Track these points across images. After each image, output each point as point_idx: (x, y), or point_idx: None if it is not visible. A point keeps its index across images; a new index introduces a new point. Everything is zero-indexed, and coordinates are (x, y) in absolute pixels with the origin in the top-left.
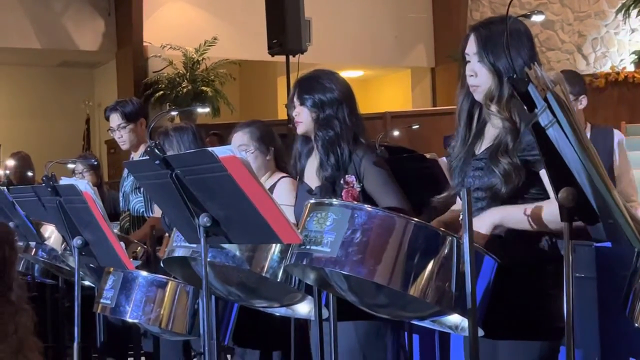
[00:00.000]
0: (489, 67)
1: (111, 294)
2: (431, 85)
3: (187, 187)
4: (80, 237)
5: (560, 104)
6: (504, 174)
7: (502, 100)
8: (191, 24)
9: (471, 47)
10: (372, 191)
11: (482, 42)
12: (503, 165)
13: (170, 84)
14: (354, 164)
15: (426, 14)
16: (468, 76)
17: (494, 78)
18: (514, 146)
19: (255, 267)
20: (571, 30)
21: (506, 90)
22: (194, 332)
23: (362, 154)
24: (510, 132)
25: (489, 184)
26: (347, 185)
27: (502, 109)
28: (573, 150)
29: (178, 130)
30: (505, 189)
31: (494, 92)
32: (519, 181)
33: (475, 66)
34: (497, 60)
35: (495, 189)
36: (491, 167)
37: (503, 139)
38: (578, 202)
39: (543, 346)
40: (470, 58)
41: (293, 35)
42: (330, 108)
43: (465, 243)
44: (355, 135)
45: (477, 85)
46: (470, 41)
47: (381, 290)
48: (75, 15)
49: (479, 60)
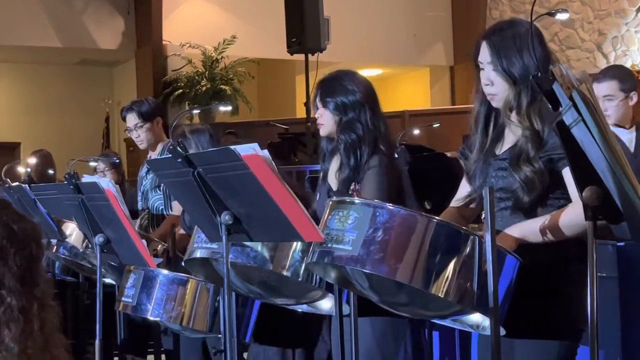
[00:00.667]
0: (504, 75)
1: (132, 292)
2: (450, 84)
3: (209, 185)
4: (102, 235)
5: (586, 102)
6: (526, 181)
7: (522, 109)
8: (210, 23)
9: (484, 56)
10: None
11: (496, 49)
12: (525, 172)
13: (189, 82)
14: (364, 171)
15: (445, 12)
16: (484, 85)
17: (510, 86)
18: (535, 154)
19: (276, 267)
20: (591, 29)
21: (524, 98)
22: (215, 329)
23: (372, 164)
24: (531, 140)
25: (512, 186)
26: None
27: (523, 117)
28: (598, 149)
29: (195, 132)
30: (528, 197)
31: (512, 102)
32: (541, 187)
33: (490, 75)
34: (511, 67)
35: (518, 197)
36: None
37: (524, 146)
38: (602, 201)
39: (561, 346)
40: (484, 66)
41: (312, 33)
42: (353, 111)
43: (487, 242)
44: (375, 139)
45: (494, 94)
46: (483, 49)
47: (402, 288)
48: (95, 13)
49: (493, 69)
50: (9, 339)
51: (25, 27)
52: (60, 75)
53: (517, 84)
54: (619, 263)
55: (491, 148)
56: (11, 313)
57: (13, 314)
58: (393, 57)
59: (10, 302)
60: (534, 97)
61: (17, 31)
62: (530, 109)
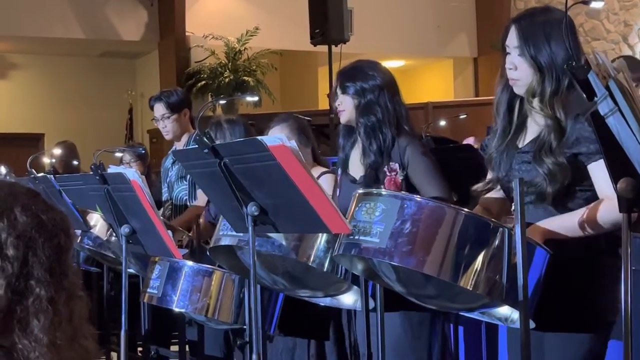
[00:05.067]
0: (530, 61)
1: (157, 284)
2: (473, 75)
3: (235, 176)
4: (128, 226)
5: (624, 91)
6: (548, 173)
7: (545, 97)
8: (233, 14)
9: (512, 40)
10: (415, 180)
11: (524, 35)
12: (547, 165)
13: (212, 73)
14: (398, 151)
15: (469, 3)
16: (508, 69)
17: (535, 73)
18: (558, 145)
19: (301, 257)
20: (617, 20)
21: (548, 86)
22: (240, 321)
23: (407, 142)
24: (554, 130)
25: (535, 179)
26: (391, 173)
27: (545, 105)
28: (635, 139)
29: (230, 122)
30: (551, 189)
31: (535, 88)
32: (564, 180)
33: (515, 59)
34: (538, 54)
35: (541, 189)
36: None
37: (546, 138)
38: (638, 192)
39: (592, 339)
40: (510, 50)
41: (335, 25)
42: (372, 94)
43: (517, 234)
44: (398, 121)
45: (517, 79)
46: (511, 33)
47: (430, 281)
48: (118, 5)
49: (519, 54)
50: (38, 329)
51: (49, 19)
52: (83, 66)
53: (542, 71)
54: None
55: (513, 139)
56: (40, 304)
57: (42, 305)
58: (416, 48)
59: (40, 292)
60: (558, 86)
61: (41, 23)
62: (554, 99)
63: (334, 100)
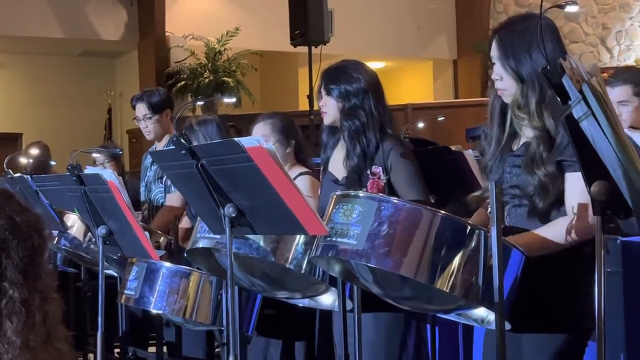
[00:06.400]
0: (512, 73)
1: (135, 285)
2: (453, 77)
3: (212, 177)
4: (104, 227)
5: (596, 95)
6: (540, 186)
7: (530, 108)
8: (213, 14)
9: (494, 51)
10: (397, 184)
11: (504, 47)
12: (539, 176)
13: (192, 74)
14: (381, 155)
15: (448, 5)
16: (495, 79)
17: (517, 84)
18: (548, 156)
19: (279, 259)
20: (595, 23)
21: (532, 96)
22: (218, 322)
23: (391, 145)
24: (542, 142)
25: (527, 188)
26: (373, 176)
27: (532, 116)
28: (608, 142)
29: (202, 123)
30: (543, 203)
31: (520, 100)
32: (556, 192)
33: (499, 70)
34: (519, 66)
35: (534, 203)
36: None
37: (536, 149)
38: (610, 196)
39: (569, 340)
40: (495, 61)
41: (315, 26)
42: (356, 98)
43: (493, 236)
44: (382, 125)
45: (503, 89)
46: (493, 44)
47: (407, 282)
48: (98, 4)
49: (502, 65)
50: (11, 331)
51: (28, 18)
52: (62, 66)
53: (524, 82)
54: (624, 258)
55: (508, 144)
56: (13, 306)
57: (15, 307)
58: (396, 50)
59: (13, 294)
60: (542, 95)
61: (19, 22)
62: (541, 107)
63: (318, 101)
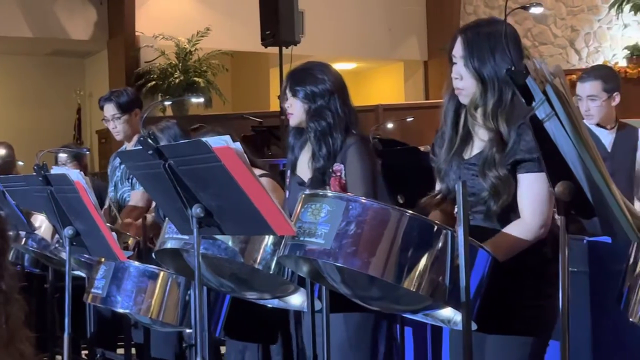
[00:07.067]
0: (474, 73)
1: (102, 284)
2: (424, 78)
3: (180, 178)
4: (71, 227)
5: (559, 96)
6: (492, 188)
7: (487, 109)
8: (184, 14)
9: (457, 50)
10: (347, 181)
11: (469, 46)
12: (491, 179)
13: (162, 74)
14: (343, 152)
15: (419, 7)
16: (454, 78)
17: (478, 85)
18: (500, 159)
19: (248, 260)
20: (564, 25)
21: (491, 97)
22: (186, 323)
23: (352, 142)
24: (496, 144)
25: (482, 192)
26: (335, 174)
27: (487, 118)
28: (571, 143)
29: (165, 129)
30: (496, 205)
31: (478, 100)
32: (509, 194)
33: (461, 70)
34: (482, 66)
35: (488, 206)
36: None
37: (489, 152)
38: (574, 196)
39: (533, 342)
40: (456, 60)
41: (286, 26)
42: (322, 99)
43: (459, 236)
44: (347, 126)
45: (462, 89)
46: (457, 44)
47: (374, 282)
48: (67, 3)
49: (464, 64)
50: None
51: None
52: (31, 66)
53: (484, 83)
54: (590, 258)
55: (460, 150)
56: None
57: None
58: (367, 51)
59: None
60: (500, 98)
61: None
62: (497, 110)
63: (284, 102)
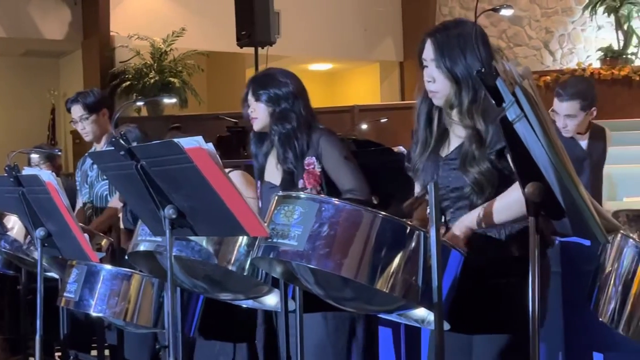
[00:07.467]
0: (447, 73)
1: (75, 288)
2: (400, 79)
3: (152, 179)
4: (43, 228)
5: (528, 98)
6: (475, 183)
7: (463, 107)
8: (159, 14)
9: (428, 53)
10: (329, 171)
11: (439, 48)
12: (473, 174)
13: (137, 74)
14: (312, 147)
15: (395, 8)
16: (426, 82)
17: (452, 85)
18: (480, 154)
19: (221, 261)
20: (538, 27)
21: (466, 96)
22: (160, 324)
23: (318, 135)
24: (474, 141)
25: (464, 188)
26: (308, 167)
27: (464, 116)
28: (540, 145)
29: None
30: (479, 199)
31: (453, 100)
32: (492, 187)
33: (433, 72)
34: (454, 66)
35: (471, 200)
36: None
37: (468, 148)
38: (544, 197)
39: (516, 337)
40: (427, 64)
41: (262, 27)
42: (286, 102)
43: (432, 236)
44: (310, 126)
45: (435, 91)
46: (427, 47)
47: (348, 283)
48: (41, 3)
49: (436, 67)
50: None
51: None
52: (5, 66)
53: (458, 82)
54: (562, 258)
55: (436, 148)
56: None
57: None
58: (343, 51)
59: None
60: (475, 96)
61: None
62: (472, 108)
63: (246, 108)
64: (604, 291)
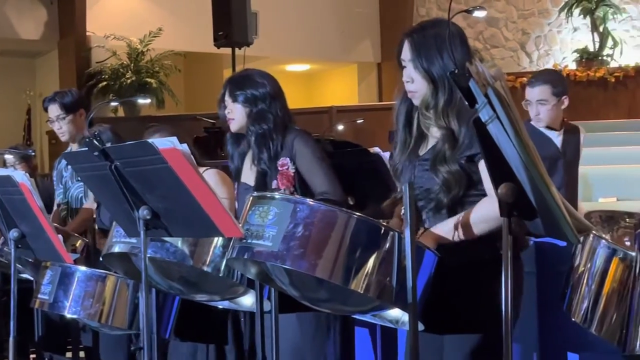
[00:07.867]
0: (423, 73)
1: (49, 289)
2: (377, 80)
3: (126, 179)
4: (16, 230)
5: (501, 99)
6: (444, 183)
7: (439, 107)
8: (135, 14)
9: (406, 54)
10: (303, 172)
11: (416, 48)
12: (442, 174)
13: (113, 74)
14: (286, 148)
15: (372, 9)
16: (405, 82)
17: (428, 85)
18: (452, 153)
19: (197, 262)
20: (515, 28)
21: (442, 96)
22: (135, 326)
23: (294, 136)
24: (447, 140)
25: (434, 188)
26: (282, 168)
27: (439, 116)
28: (512, 146)
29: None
30: (446, 198)
31: (429, 100)
32: (460, 188)
33: (411, 72)
34: (430, 66)
35: (438, 199)
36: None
37: (441, 147)
38: (517, 197)
39: (488, 337)
40: (406, 64)
41: (239, 27)
42: (263, 102)
43: (406, 237)
44: (285, 126)
45: (414, 91)
46: (405, 47)
47: (322, 284)
48: (17, 3)
49: (414, 67)
50: None
51: None
52: None
53: (435, 82)
54: (537, 259)
55: (415, 148)
56: None
57: None
58: (321, 52)
59: None
60: (451, 96)
61: None
62: (447, 108)
63: (222, 109)
64: (576, 291)
